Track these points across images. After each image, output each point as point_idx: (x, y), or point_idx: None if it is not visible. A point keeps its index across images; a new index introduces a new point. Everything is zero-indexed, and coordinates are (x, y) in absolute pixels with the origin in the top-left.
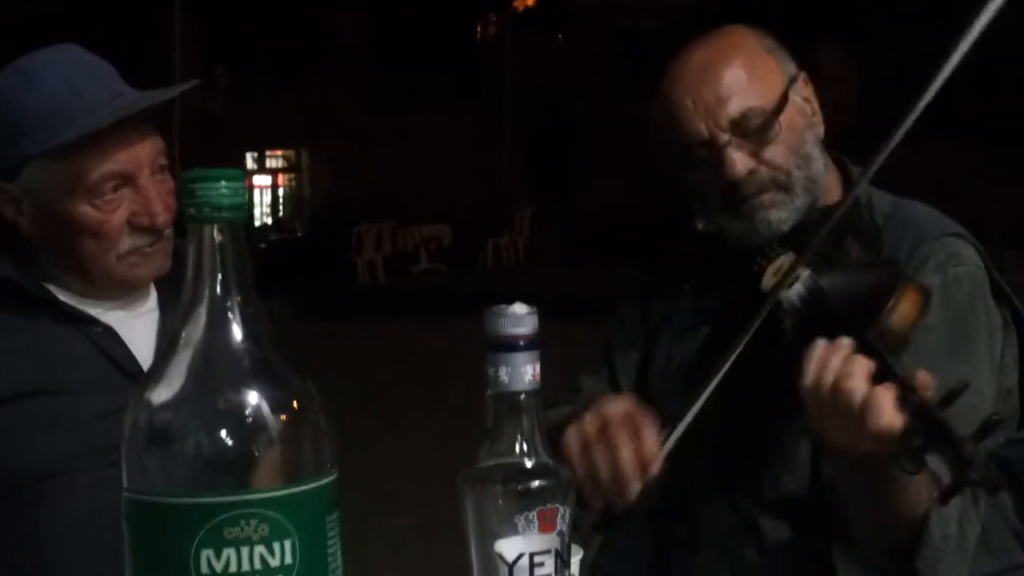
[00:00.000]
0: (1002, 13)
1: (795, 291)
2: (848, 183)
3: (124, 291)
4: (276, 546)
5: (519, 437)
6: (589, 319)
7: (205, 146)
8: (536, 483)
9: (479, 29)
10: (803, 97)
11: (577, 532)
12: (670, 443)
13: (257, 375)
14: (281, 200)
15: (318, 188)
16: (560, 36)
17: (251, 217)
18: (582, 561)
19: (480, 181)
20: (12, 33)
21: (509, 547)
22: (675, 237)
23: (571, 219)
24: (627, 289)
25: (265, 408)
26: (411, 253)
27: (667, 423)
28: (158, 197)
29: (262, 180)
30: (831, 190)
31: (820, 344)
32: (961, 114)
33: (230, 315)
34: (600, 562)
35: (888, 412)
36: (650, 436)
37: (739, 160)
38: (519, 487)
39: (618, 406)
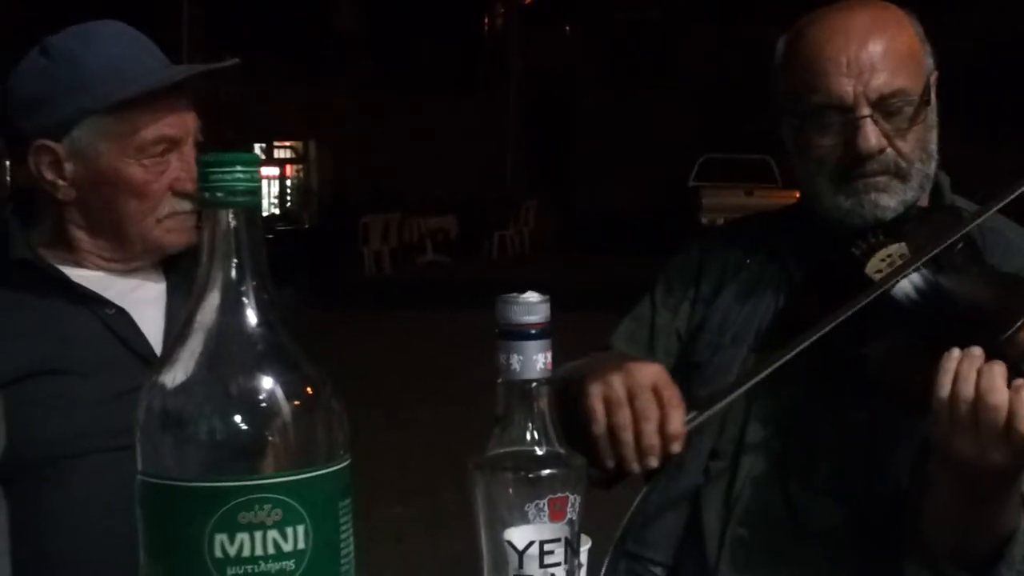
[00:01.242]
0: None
1: (910, 283)
2: (938, 189)
3: (153, 257)
4: (289, 531)
5: (530, 425)
6: (594, 309)
7: (213, 136)
8: (547, 471)
9: (486, 21)
10: (936, 95)
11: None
12: (695, 423)
13: (271, 360)
14: (289, 191)
15: (325, 179)
16: (567, 28)
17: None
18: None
19: (486, 173)
20: (16, 19)
21: (519, 535)
22: (676, 229)
23: (575, 209)
24: (671, 258)
25: (279, 393)
26: (417, 244)
27: (711, 399)
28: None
29: (270, 171)
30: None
31: (954, 354)
32: (956, 108)
33: (244, 300)
34: (627, 542)
35: None
36: (677, 413)
37: (874, 135)
38: (530, 475)
39: (647, 374)
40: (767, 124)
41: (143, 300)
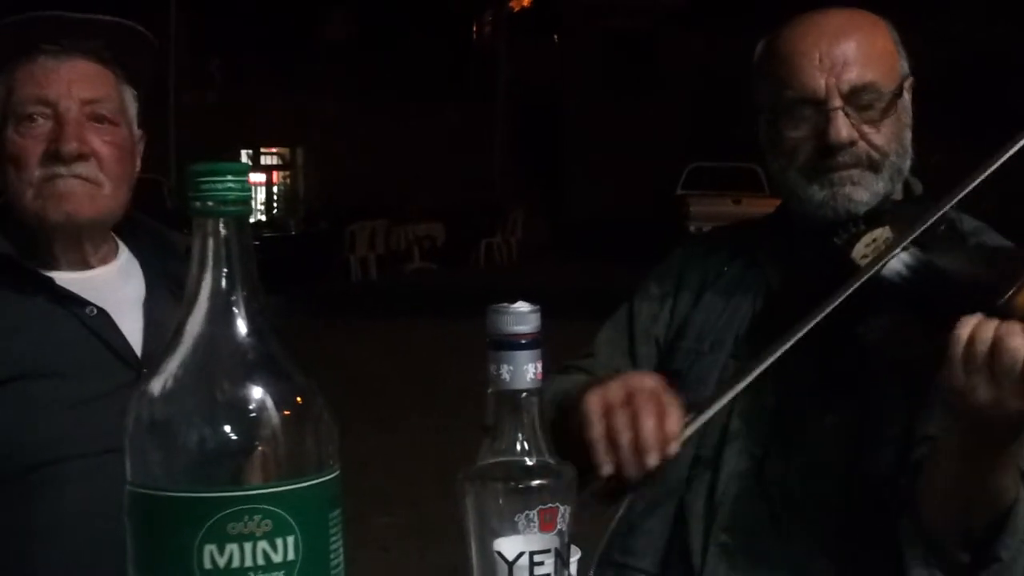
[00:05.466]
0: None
1: (900, 262)
2: (910, 193)
3: (50, 237)
4: (279, 542)
5: (520, 435)
6: (581, 317)
7: (200, 143)
8: (537, 481)
9: (474, 29)
10: (910, 99)
11: (582, 493)
12: (694, 426)
13: (261, 370)
14: (275, 197)
15: (312, 186)
16: (555, 37)
17: None
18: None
19: (474, 180)
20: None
21: (509, 545)
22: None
23: (563, 218)
24: (653, 265)
25: (269, 403)
26: (404, 252)
27: (708, 400)
28: (76, 128)
29: (257, 177)
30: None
31: (977, 315)
32: (943, 115)
33: (235, 309)
34: (613, 551)
35: None
36: (675, 414)
37: (845, 127)
38: (520, 485)
39: (645, 380)
40: (753, 131)
41: (123, 301)
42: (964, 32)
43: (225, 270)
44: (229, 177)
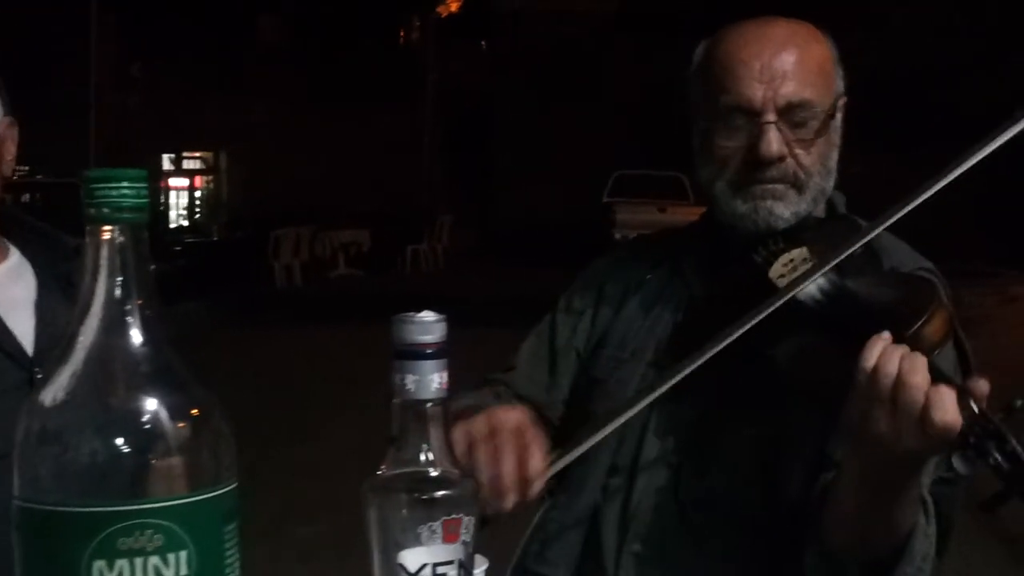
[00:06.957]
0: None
1: (816, 286)
2: (832, 208)
3: None
4: (171, 557)
5: (425, 446)
6: (506, 325)
7: (121, 146)
8: (441, 492)
9: (402, 34)
10: (841, 118)
11: None
12: (561, 463)
13: (156, 381)
14: (198, 202)
15: (236, 191)
16: (483, 43)
17: (167, 219)
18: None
19: (401, 186)
20: None
21: (412, 557)
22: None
23: (490, 224)
24: (577, 271)
25: (163, 415)
26: (329, 258)
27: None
28: None
29: (179, 182)
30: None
31: (885, 336)
32: (870, 127)
33: (129, 319)
34: (527, 560)
35: (952, 410)
36: (536, 454)
37: (776, 141)
38: (423, 496)
39: (511, 416)
40: (681, 140)
41: (13, 301)
42: (887, 43)
43: (120, 279)
44: (125, 184)
